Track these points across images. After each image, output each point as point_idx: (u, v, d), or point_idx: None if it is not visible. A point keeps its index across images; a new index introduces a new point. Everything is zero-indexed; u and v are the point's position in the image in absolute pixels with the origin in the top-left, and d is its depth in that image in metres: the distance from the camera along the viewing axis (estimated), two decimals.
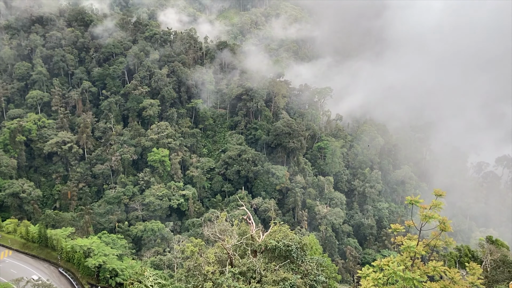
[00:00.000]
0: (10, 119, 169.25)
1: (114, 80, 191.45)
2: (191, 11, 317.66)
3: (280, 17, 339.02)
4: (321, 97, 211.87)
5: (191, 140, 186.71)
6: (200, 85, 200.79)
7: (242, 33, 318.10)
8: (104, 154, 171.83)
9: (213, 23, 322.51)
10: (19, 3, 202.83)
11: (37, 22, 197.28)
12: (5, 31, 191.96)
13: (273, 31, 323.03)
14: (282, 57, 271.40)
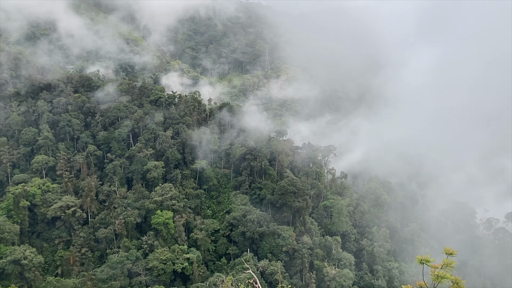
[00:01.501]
0: (15, 184, 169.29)
1: (119, 143, 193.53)
2: (193, 75, 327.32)
3: (279, 78, 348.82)
4: (325, 155, 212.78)
5: (195, 201, 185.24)
6: (204, 146, 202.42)
7: (242, 94, 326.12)
8: (108, 218, 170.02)
9: (213, 85, 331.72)
10: (28, 71, 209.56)
11: (45, 89, 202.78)
12: (13, 98, 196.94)
13: (272, 91, 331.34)
14: (282, 116, 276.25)
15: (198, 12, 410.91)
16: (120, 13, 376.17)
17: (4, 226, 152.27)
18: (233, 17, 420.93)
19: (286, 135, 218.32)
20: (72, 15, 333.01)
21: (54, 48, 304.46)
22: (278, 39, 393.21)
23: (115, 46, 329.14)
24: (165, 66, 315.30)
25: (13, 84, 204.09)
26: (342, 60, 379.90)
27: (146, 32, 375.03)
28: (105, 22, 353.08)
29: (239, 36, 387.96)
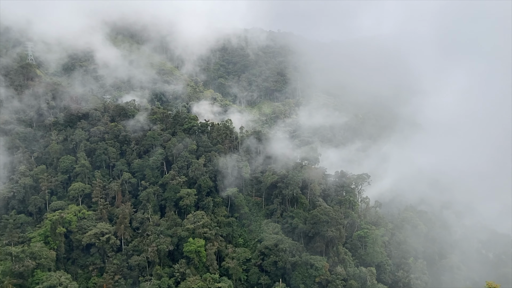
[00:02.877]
0: (52, 211, 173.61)
1: (153, 170, 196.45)
2: (224, 103, 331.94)
3: (309, 105, 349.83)
4: (358, 183, 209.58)
5: (227, 229, 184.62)
6: (236, 174, 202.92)
7: (272, 121, 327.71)
8: (141, 245, 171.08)
9: (244, 113, 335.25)
10: (66, 101, 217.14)
11: (83, 118, 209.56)
12: (53, 127, 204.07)
13: (301, 118, 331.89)
14: (312, 143, 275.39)
15: (230, 42, 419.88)
16: (154, 44, 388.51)
17: (41, 252, 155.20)
18: (264, 46, 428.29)
19: (318, 163, 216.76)
20: (108, 46, 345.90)
21: (90, 78, 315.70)
22: (309, 67, 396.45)
23: (149, 76, 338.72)
24: (197, 95, 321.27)
25: (53, 113, 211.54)
26: (372, 87, 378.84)
27: (179, 62, 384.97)
28: (139, 52, 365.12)
29: (270, 64, 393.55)
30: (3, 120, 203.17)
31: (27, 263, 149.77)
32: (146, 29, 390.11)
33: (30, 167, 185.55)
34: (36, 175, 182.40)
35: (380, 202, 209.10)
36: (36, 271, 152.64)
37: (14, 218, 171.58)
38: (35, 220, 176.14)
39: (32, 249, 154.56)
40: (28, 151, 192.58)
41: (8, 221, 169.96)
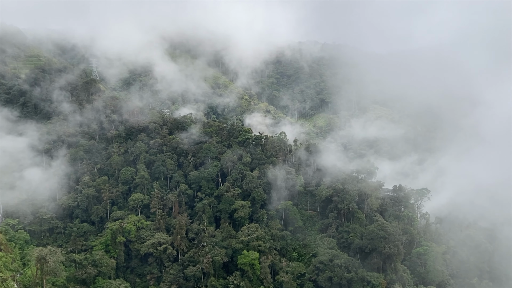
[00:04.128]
0: (113, 221, 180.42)
1: (209, 182, 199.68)
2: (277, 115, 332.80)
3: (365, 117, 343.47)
4: (418, 198, 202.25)
5: (281, 242, 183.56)
6: (290, 187, 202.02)
7: (326, 134, 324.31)
8: (197, 256, 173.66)
9: (297, 125, 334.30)
10: (128, 114, 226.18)
11: (143, 131, 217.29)
12: (115, 140, 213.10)
13: (355, 130, 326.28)
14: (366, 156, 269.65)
15: (284, 55, 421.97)
16: (208, 58, 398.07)
17: (103, 260, 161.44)
18: (318, 58, 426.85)
19: (375, 177, 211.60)
20: (166, 61, 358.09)
21: (148, 92, 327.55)
22: (364, 79, 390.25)
23: (205, 89, 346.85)
24: (250, 107, 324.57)
25: (115, 126, 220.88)
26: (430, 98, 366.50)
27: (233, 75, 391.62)
28: (195, 66, 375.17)
29: (325, 76, 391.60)
30: (68, 133, 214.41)
31: (89, 270, 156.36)
32: (202, 43, 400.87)
33: (93, 178, 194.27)
34: (99, 185, 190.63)
35: (440, 218, 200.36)
36: (97, 278, 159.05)
37: (78, 227, 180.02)
38: (97, 229, 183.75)
39: (94, 257, 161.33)
40: (92, 163, 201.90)
41: (72, 229, 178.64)
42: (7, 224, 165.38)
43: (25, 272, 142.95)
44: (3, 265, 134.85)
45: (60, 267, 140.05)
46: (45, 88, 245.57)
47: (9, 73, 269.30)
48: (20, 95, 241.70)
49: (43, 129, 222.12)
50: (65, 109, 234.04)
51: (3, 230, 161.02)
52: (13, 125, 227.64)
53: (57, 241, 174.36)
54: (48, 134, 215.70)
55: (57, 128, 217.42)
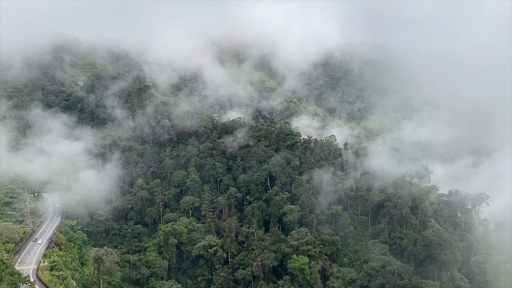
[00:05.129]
0: (166, 223, 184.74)
1: (257, 186, 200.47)
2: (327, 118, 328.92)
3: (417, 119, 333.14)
4: (476, 204, 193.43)
5: (331, 248, 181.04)
6: (340, 191, 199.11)
7: (377, 136, 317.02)
8: (246, 259, 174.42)
9: (343, 127, 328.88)
10: (179, 119, 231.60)
11: (194, 135, 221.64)
12: (167, 144, 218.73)
13: (407, 133, 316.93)
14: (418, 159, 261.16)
15: (332, 56, 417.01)
16: (256, 62, 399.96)
17: (156, 261, 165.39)
18: (369, 59, 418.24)
19: (429, 181, 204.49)
20: (215, 66, 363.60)
21: (198, 96, 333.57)
22: (417, 80, 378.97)
23: (253, 93, 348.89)
24: (299, 110, 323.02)
25: (167, 131, 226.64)
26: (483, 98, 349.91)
27: (281, 78, 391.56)
28: (243, 71, 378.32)
29: (376, 78, 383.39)
30: (122, 138, 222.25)
31: (143, 271, 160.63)
32: (249, 47, 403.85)
33: (146, 181, 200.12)
34: (152, 188, 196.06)
35: (501, 224, 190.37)
36: (150, 279, 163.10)
37: (132, 228, 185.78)
38: (150, 230, 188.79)
39: (148, 258, 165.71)
40: (145, 166, 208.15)
41: (127, 230, 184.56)
42: (67, 225, 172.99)
43: (83, 271, 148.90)
44: (63, 264, 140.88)
45: (116, 267, 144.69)
46: (100, 94, 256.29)
47: (68, 80, 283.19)
48: (78, 102, 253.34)
49: (98, 134, 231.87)
50: (119, 114, 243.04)
51: (63, 231, 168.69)
52: (70, 130, 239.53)
53: (113, 242, 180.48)
54: (103, 138, 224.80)
55: (112, 133, 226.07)
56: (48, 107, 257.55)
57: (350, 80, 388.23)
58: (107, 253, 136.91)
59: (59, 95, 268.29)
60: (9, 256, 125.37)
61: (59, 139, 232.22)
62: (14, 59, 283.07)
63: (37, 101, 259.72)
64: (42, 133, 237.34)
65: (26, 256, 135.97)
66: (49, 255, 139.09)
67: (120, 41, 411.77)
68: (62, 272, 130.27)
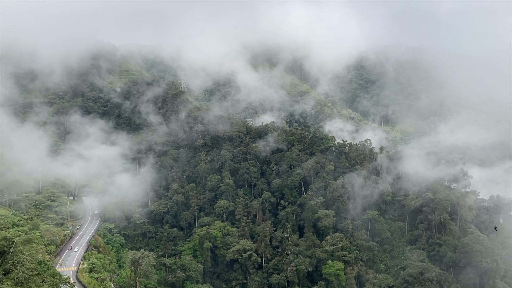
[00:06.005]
0: (200, 227, 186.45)
1: (291, 190, 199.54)
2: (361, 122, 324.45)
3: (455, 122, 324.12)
4: None
5: (367, 253, 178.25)
6: (376, 196, 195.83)
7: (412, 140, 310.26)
8: (280, 264, 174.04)
9: (377, 131, 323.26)
10: (213, 125, 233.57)
11: (228, 140, 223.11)
12: (202, 148, 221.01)
13: (444, 136, 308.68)
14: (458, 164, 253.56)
15: (367, 59, 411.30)
16: (288, 65, 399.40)
17: (191, 265, 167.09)
18: (405, 61, 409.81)
19: (469, 186, 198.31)
20: (248, 70, 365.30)
21: (231, 101, 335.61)
22: (453, 81, 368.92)
23: (285, 97, 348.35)
24: (333, 114, 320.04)
25: (201, 136, 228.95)
26: None
27: (314, 81, 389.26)
28: (275, 75, 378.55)
29: (413, 81, 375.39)
30: (158, 143, 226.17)
31: (178, 274, 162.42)
32: (282, 51, 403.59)
33: (182, 185, 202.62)
34: (187, 192, 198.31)
35: None
36: (186, 282, 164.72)
37: (168, 232, 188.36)
38: (186, 234, 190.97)
39: (183, 261, 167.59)
40: (180, 170, 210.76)
41: (163, 234, 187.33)
42: (105, 228, 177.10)
43: (121, 274, 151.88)
44: (102, 266, 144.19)
45: (152, 270, 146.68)
46: (135, 100, 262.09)
47: (107, 87, 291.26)
48: (115, 108, 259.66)
49: (134, 139, 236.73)
50: (154, 119, 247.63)
51: (102, 234, 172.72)
52: (107, 136, 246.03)
53: (149, 245, 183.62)
54: (139, 143, 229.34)
55: (148, 138, 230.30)
56: (86, 113, 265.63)
57: (385, 82, 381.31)
58: (144, 256, 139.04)
59: (98, 101, 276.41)
60: (50, 257, 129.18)
61: (96, 144, 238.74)
62: (54, 67, 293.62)
63: (76, 107, 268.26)
64: (80, 138, 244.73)
65: (66, 258, 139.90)
66: (88, 257, 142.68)
67: (155, 48, 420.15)
68: (100, 274, 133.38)
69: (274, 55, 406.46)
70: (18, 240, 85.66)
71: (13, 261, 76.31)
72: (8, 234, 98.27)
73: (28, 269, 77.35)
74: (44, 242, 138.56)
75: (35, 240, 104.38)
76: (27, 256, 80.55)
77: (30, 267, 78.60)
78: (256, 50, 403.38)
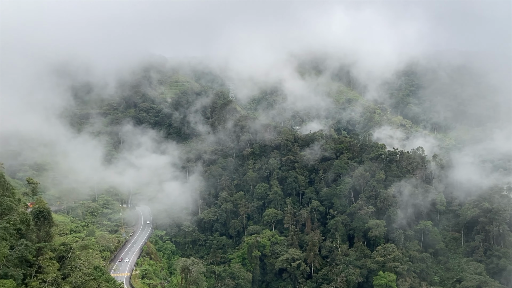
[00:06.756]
0: (249, 235, 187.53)
1: (341, 199, 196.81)
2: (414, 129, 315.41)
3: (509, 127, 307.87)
4: None
5: (420, 265, 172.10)
6: (429, 206, 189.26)
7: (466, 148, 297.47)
8: (330, 274, 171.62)
9: (427, 138, 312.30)
10: (261, 133, 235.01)
11: (276, 148, 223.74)
12: (250, 157, 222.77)
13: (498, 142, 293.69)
14: None
15: (417, 64, 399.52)
16: (335, 72, 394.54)
17: (240, 273, 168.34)
18: (458, 66, 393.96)
19: None
20: (295, 78, 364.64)
21: (278, 109, 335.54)
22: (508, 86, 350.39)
23: (332, 104, 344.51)
24: (382, 121, 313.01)
25: (249, 144, 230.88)
26: None
27: (362, 88, 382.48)
28: (322, 82, 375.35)
29: (467, 86, 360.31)
30: (207, 151, 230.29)
31: (228, 282, 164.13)
32: (329, 58, 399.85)
33: (230, 193, 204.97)
34: (236, 200, 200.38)
35: None
36: None
37: (217, 240, 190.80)
38: (234, 242, 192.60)
39: (232, 269, 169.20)
40: (229, 179, 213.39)
41: (212, 242, 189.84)
42: (156, 235, 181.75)
43: (172, 280, 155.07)
44: (154, 273, 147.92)
45: (202, 278, 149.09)
46: (183, 111, 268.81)
47: (158, 97, 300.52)
48: (166, 118, 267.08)
49: (183, 148, 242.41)
50: (203, 129, 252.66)
51: (153, 241, 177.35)
52: (157, 145, 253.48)
53: (199, 252, 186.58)
54: (188, 152, 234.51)
55: (198, 147, 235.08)
56: (139, 123, 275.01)
57: (437, 88, 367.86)
58: (194, 264, 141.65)
59: (149, 111, 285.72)
60: (105, 263, 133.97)
61: (147, 153, 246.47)
62: (109, 79, 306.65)
63: (129, 117, 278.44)
64: (132, 147, 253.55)
65: (120, 264, 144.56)
66: (141, 264, 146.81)
67: (204, 59, 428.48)
68: (152, 281, 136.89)
69: (320, 62, 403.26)
70: (76, 245, 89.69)
71: (71, 266, 79.73)
72: (66, 240, 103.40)
73: (84, 274, 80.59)
74: (99, 248, 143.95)
75: (91, 246, 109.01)
76: (84, 261, 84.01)
77: (86, 272, 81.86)
78: (303, 58, 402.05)
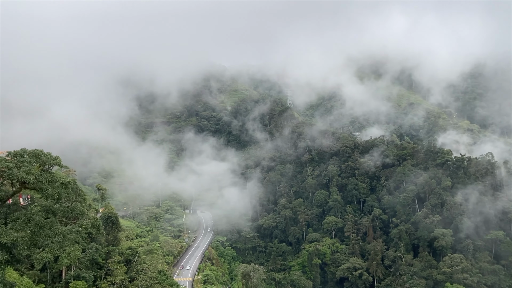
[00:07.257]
0: (309, 242, 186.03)
1: (404, 207, 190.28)
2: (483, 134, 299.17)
3: None
4: None
5: (491, 278, 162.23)
6: (501, 215, 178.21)
7: None
8: (394, 285, 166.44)
9: (495, 142, 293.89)
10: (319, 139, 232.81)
11: (334, 155, 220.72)
12: (308, 163, 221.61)
13: None
14: None
15: (485, 66, 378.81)
16: (395, 76, 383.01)
17: (300, 281, 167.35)
18: None
19: None
20: (354, 83, 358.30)
21: (337, 115, 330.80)
22: None
23: (393, 109, 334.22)
24: (448, 126, 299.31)
25: (308, 151, 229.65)
26: None
27: (425, 92, 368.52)
28: (382, 86, 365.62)
29: None
30: (266, 158, 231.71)
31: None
32: (389, 61, 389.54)
33: (289, 200, 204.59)
34: (295, 207, 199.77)
35: None
36: None
37: (277, 247, 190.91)
38: (294, 249, 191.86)
39: (292, 277, 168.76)
40: (288, 185, 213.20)
41: (272, 249, 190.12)
42: (217, 241, 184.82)
43: (232, 286, 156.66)
44: (215, 278, 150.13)
45: (262, 284, 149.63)
46: (242, 119, 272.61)
47: (219, 106, 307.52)
48: (226, 126, 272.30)
49: (242, 155, 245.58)
50: (261, 136, 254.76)
51: (214, 246, 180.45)
52: (217, 152, 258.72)
53: (259, 259, 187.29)
54: (247, 159, 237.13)
55: (256, 153, 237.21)
56: (200, 131, 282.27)
57: (507, 90, 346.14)
58: (254, 270, 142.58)
59: (210, 119, 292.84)
60: (168, 268, 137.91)
61: (208, 160, 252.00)
62: (171, 89, 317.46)
63: (191, 125, 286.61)
64: (194, 154, 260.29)
65: (182, 271, 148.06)
66: (202, 269, 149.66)
67: (262, 67, 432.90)
68: (214, 286, 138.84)
69: (380, 65, 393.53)
70: (141, 250, 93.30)
71: (137, 270, 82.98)
72: (132, 244, 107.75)
73: (150, 278, 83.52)
74: (163, 253, 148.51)
75: (155, 250, 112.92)
76: (149, 265, 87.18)
77: (151, 276, 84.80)
78: (362, 62, 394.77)
